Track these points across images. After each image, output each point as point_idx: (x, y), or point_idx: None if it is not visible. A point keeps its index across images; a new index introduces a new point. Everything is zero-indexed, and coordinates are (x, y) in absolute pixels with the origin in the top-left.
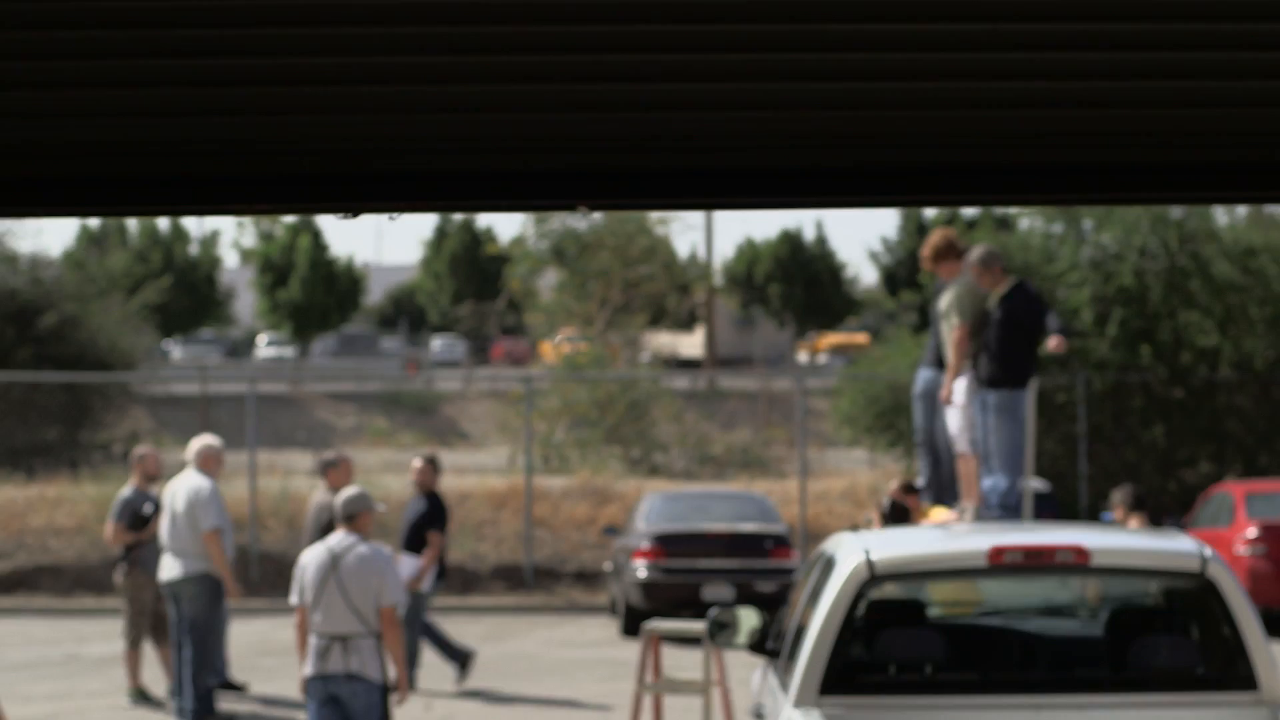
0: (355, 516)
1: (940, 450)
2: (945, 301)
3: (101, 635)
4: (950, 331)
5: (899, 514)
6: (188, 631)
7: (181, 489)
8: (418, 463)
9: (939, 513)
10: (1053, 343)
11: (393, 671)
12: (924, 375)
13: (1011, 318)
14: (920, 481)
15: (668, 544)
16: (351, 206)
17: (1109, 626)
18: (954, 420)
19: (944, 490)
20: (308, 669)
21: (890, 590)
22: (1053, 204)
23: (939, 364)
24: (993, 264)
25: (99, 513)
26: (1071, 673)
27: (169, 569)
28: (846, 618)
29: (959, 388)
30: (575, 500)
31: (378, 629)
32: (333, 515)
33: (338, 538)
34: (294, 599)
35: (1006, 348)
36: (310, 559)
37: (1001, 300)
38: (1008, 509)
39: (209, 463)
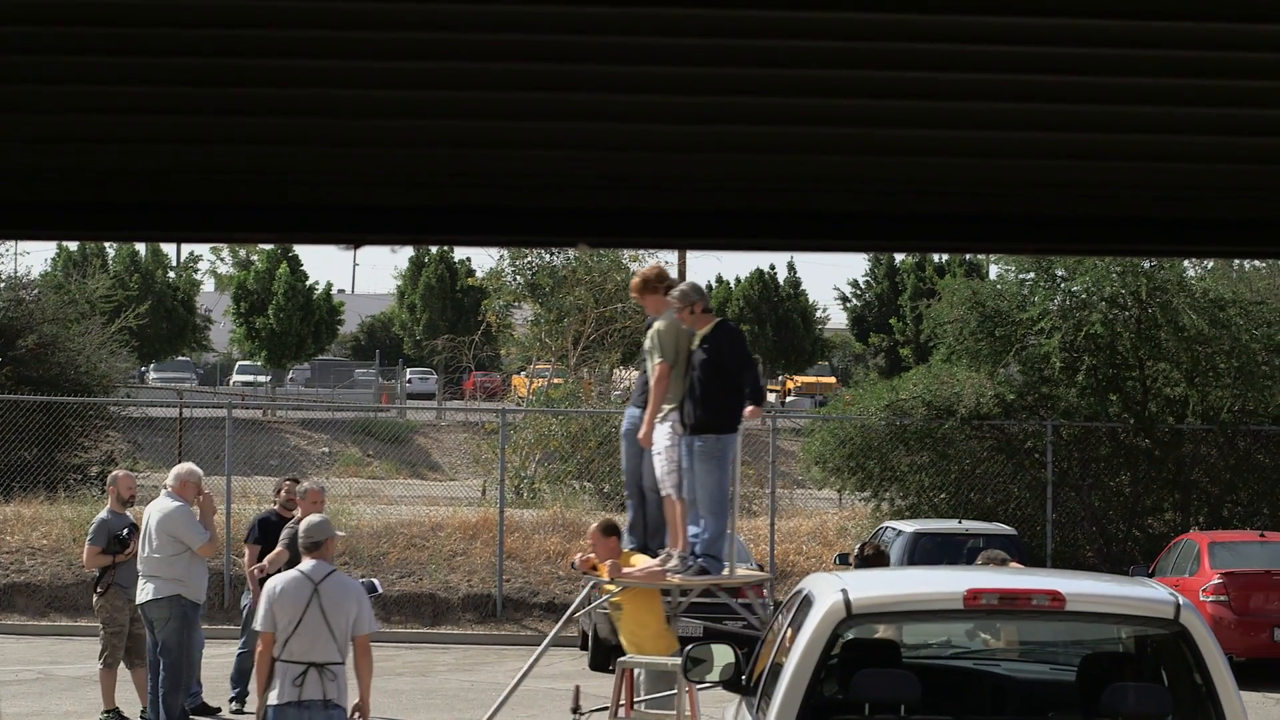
0: (321, 544)
1: (647, 492)
2: (648, 338)
3: (76, 656)
4: (652, 369)
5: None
6: (161, 654)
7: (155, 512)
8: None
9: (640, 559)
10: (748, 411)
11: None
12: (631, 414)
13: (714, 360)
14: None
15: None
16: (353, 238)
17: (1082, 671)
18: (660, 463)
19: (651, 534)
20: (279, 696)
21: (866, 630)
22: (1023, 253)
23: (645, 403)
24: (693, 301)
25: (75, 533)
26: (1044, 716)
27: (143, 592)
28: (822, 656)
29: (664, 430)
30: (546, 533)
31: (347, 658)
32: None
33: (311, 565)
34: (261, 625)
35: (710, 391)
36: (284, 585)
37: (703, 341)
38: (712, 557)
39: (183, 488)
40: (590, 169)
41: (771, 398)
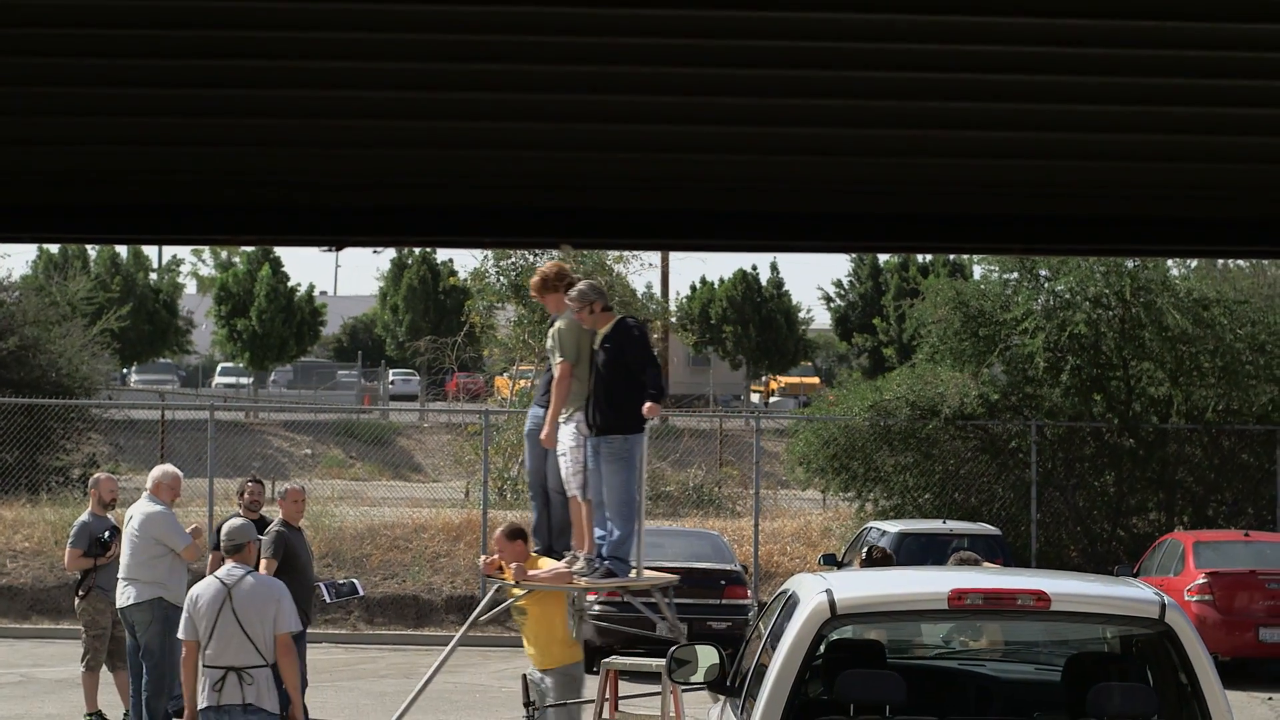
0: (242, 547)
1: (551, 493)
2: (549, 337)
3: (58, 659)
4: (554, 369)
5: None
6: (144, 657)
7: (136, 515)
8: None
9: (546, 562)
10: (646, 409)
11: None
12: (534, 413)
13: (615, 360)
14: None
15: None
16: (335, 240)
17: (1067, 671)
18: (565, 464)
19: (556, 536)
20: (201, 701)
21: (851, 630)
22: (1006, 253)
23: (549, 403)
24: (591, 300)
25: (57, 536)
26: (1029, 717)
27: (123, 595)
28: (807, 657)
29: (568, 431)
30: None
31: (272, 659)
32: (286, 541)
33: (226, 569)
34: (182, 633)
35: (614, 392)
36: (201, 592)
37: (604, 341)
38: (619, 560)
39: (160, 490)
40: (574, 170)
41: (755, 398)
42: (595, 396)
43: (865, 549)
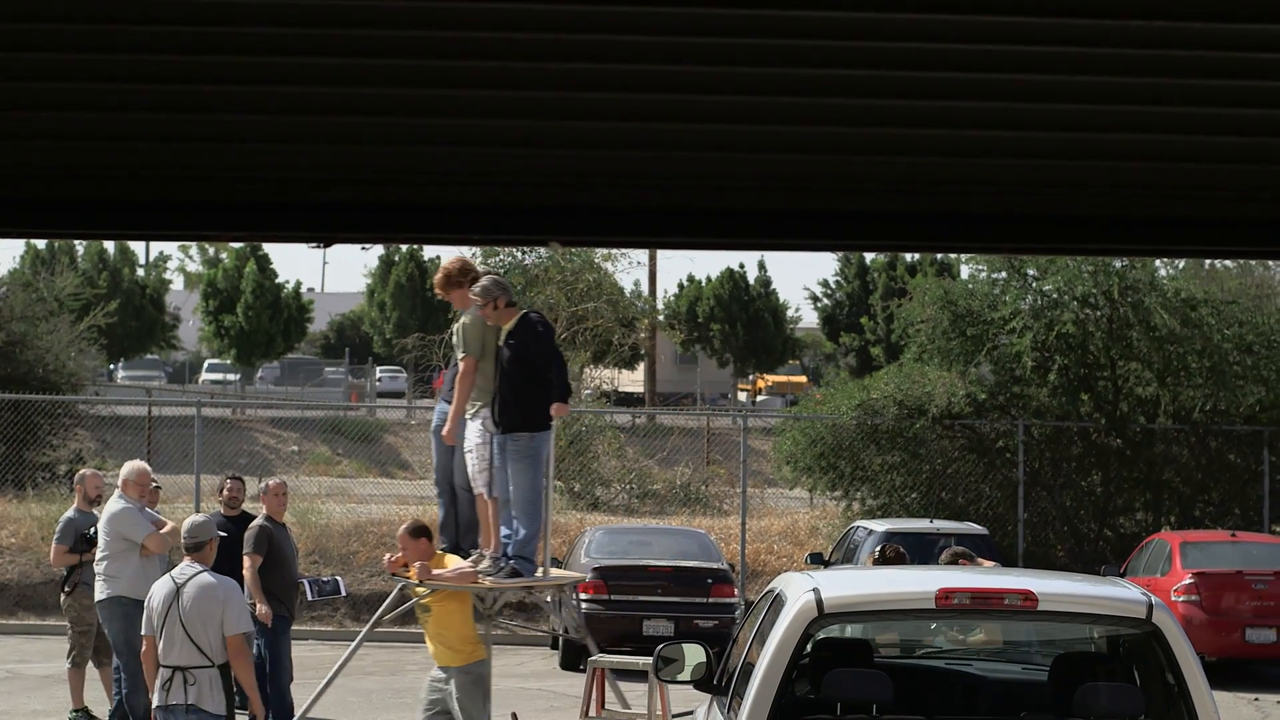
0: (203, 545)
1: (459, 490)
2: (453, 332)
3: (44, 655)
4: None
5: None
6: (116, 654)
7: (104, 513)
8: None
9: (451, 560)
10: (554, 409)
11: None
12: (441, 409)
13: (520, 356)
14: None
15: (609, 578)
16: (324, 236)
17: (1054, 670)
18: (471, 461)
19: (463, 534)
20: (154, 700)
21: (838, 629)
22: (995, 252)
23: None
24: (495, 296)
25: (44, 532)
26: (1016, 716)
27: (96, 592)
28: (794, 656)
29: (474, 427)
30: None
31: (221, 660)
32: (270, 536)
33: (180, 567)
34: (144, 629)
35: (519, 388)
36: (157, 589)
37: (508, 337)
38: (524, 559)
39: (128, 486)
40: (562, 168)
41: (742, 397)
42: (500, 393)
43: (879, 547)
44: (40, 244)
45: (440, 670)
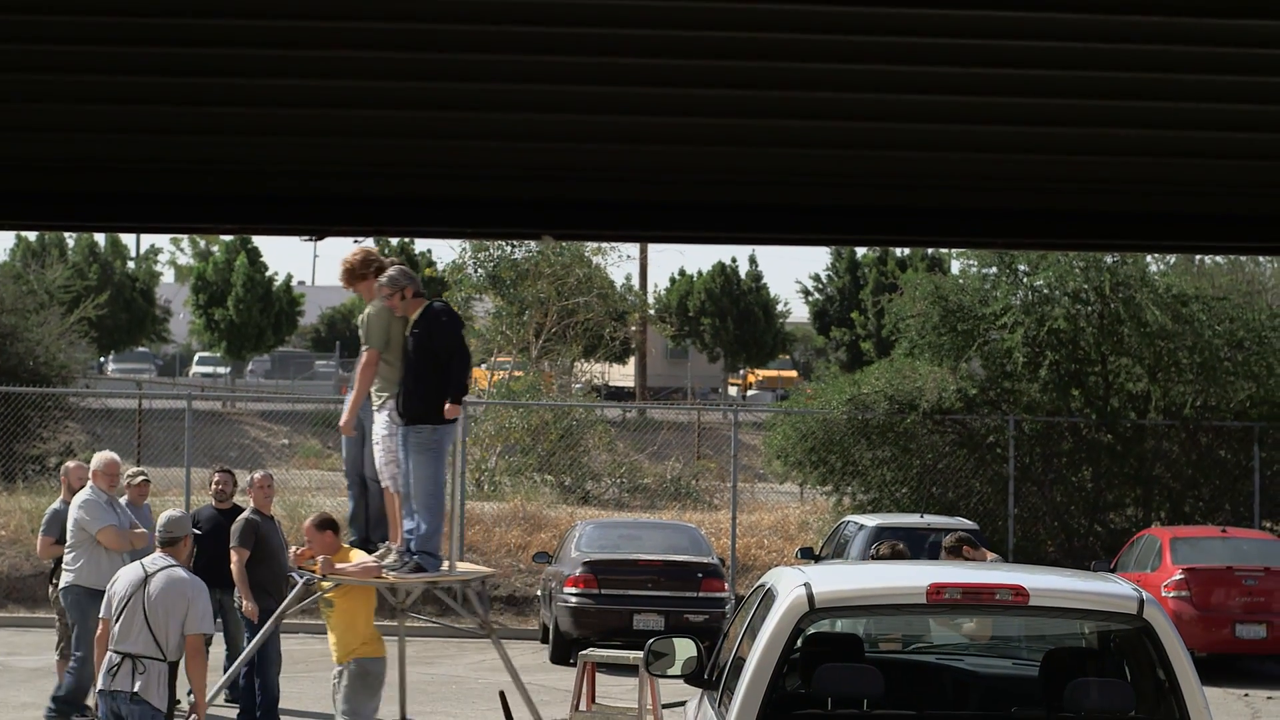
0: (177, 541)
1: (368, 483)
2: (359, 324)
3: (34, 647)
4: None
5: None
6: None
7: (73, 503)
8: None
9: (356, 554)
10: (445, 409)
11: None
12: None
13: (423, 346)
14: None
15: (600, 572)
16: (317, 229)
17: (1045, 666)
18: (379, 453)
19: (373, 526)
20: (99, 683)
21: (829, 624)
22: (986, 247)
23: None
24: (402, 286)
25: (34, 525)
26: (1007, 711)
27: (60, 579)
28: (785, 650)
29: (382, 419)
30: (507, 525)
31: (174, 657)
32: (257, 529)
33: (152, 558)
34: (102, 611)
35: (421, 380)
36: (123, 573)
37: (413, 327)
38: (428, 554)
39: (97, 477)
40: (555, 161)
41: (733, 391)
42: (404, 384)
43: (874, 546)
44: (31, 236)
45: (337, 665)
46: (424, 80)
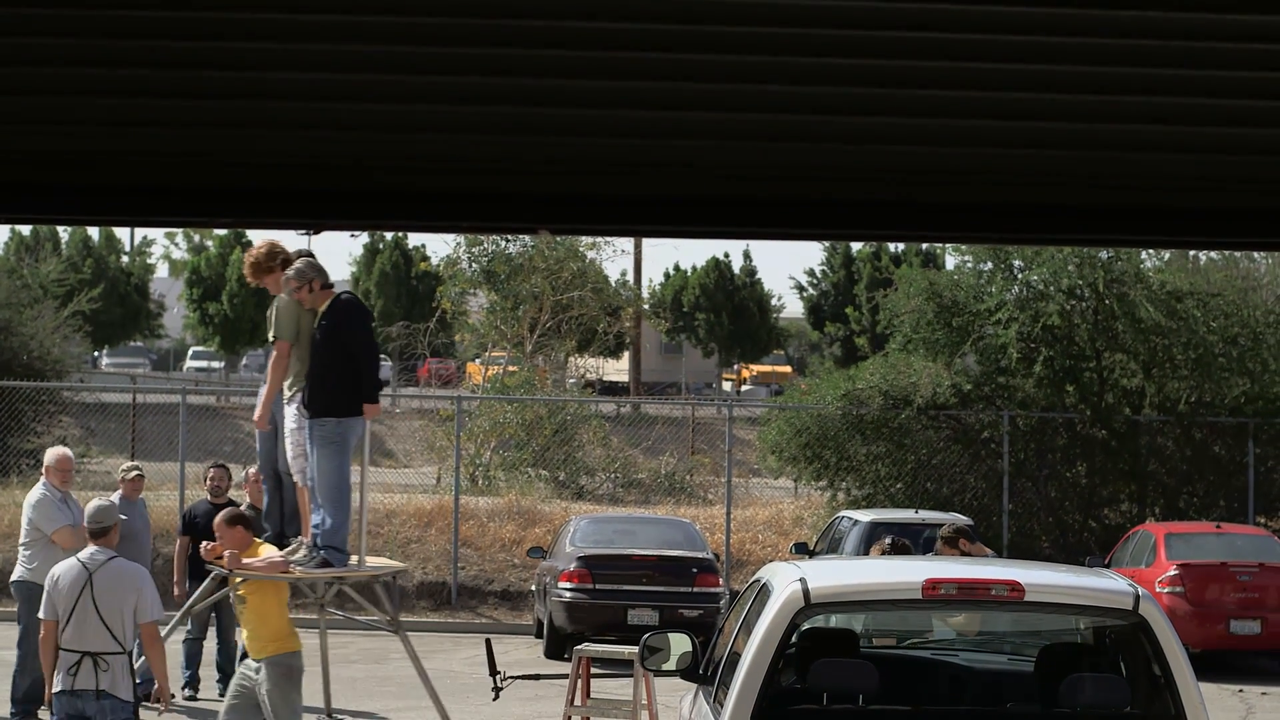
0: (108, 530)
1: (283, 476)
2: (268, 317)
3: None
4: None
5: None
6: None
7: (27, 500)
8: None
9: (266, 549)
10: (366, 409)
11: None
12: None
13: (329, 338)
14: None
15: (594, 567)
16: (313, 223)
17: (1040, 661)
18: (289, 446)
19: (287, 521)
20: (58, 684)
21: (824, 620)
22: (981, 242)
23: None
24: (309, 279)
25: None
26: (1003, 707)
27: (14, 572)
28: (780, 646)
29: (291, 412)
30: (502, 521)
31: (131, 646)
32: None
33: (89, 552)
34: (43, 612)
35: (326, 372)
36: (62, 572)
37: (320, 319)
38: (334, 549)
39: (50, 473)
40: (551, 155)
41: (727, 386)
42: (310, 377)
43: (889, 540)
44: (24, 230)
45: (253, 660)
46: (420, 74)
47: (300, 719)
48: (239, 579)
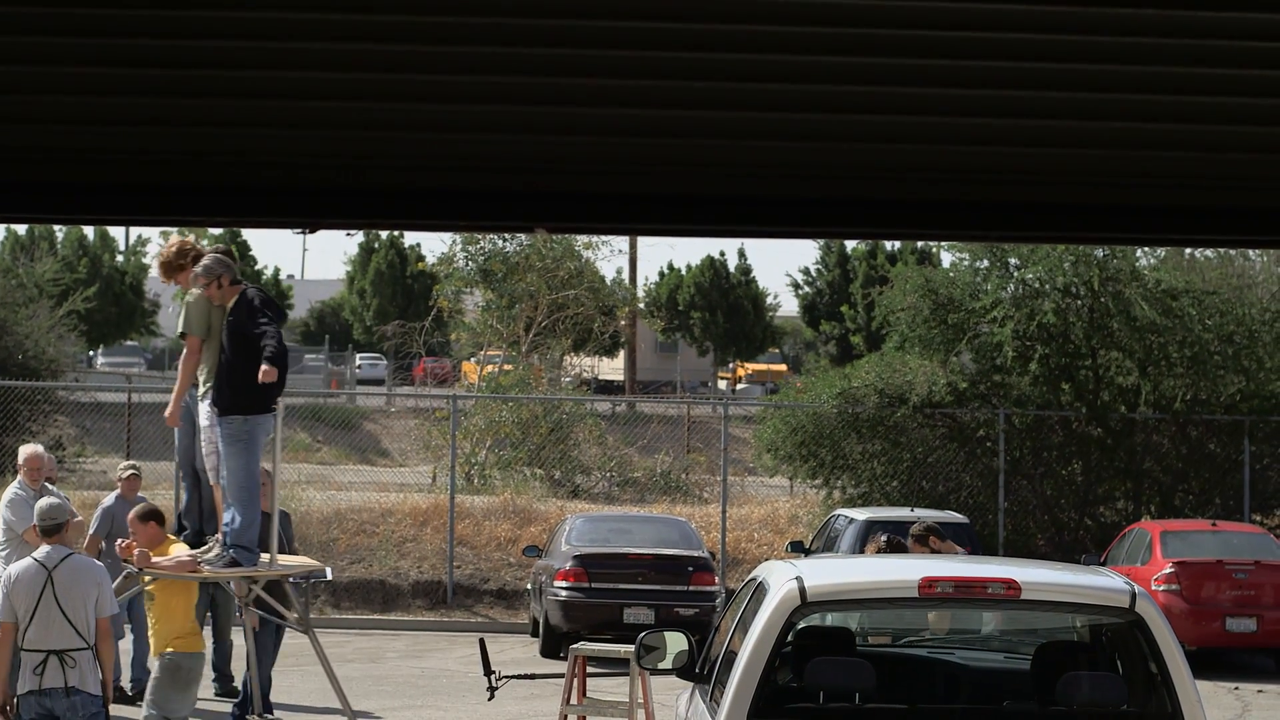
0: (61, 527)
1: (200, 474)
2: (179, 314)
3: None
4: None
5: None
6: None
7: (2, 499)
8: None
9: (178, 547)
10: (261, 373)
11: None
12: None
13: (235, 335)
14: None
15: (590, 566)
16: (309, 222)
17: (1037, 660)
18: (204, 444)
19: (206, 519)
20: (22, 685)
21: (821, 618)
22: (977, 240)
23: (197, 382)
24: (217, 275)
25: None
26: (999, 705)
27: None
28: (777, 644)
29: (205, 409)
30: (497, 519)
31: (94, 641)
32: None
33: (45, 551)
34: (2, 615)
35: (234, 369)
36: (19, 572)
37: (227, 316)
38: (243, 548)
39: (21, 470)
40: (547, 154)
41: (722, 385)
42: (219, 374)
43: (885, 537)
44: (20, 229)
45: (153, 655)
46: (416, 73)
47: (173, 717)
48: (148, 577)
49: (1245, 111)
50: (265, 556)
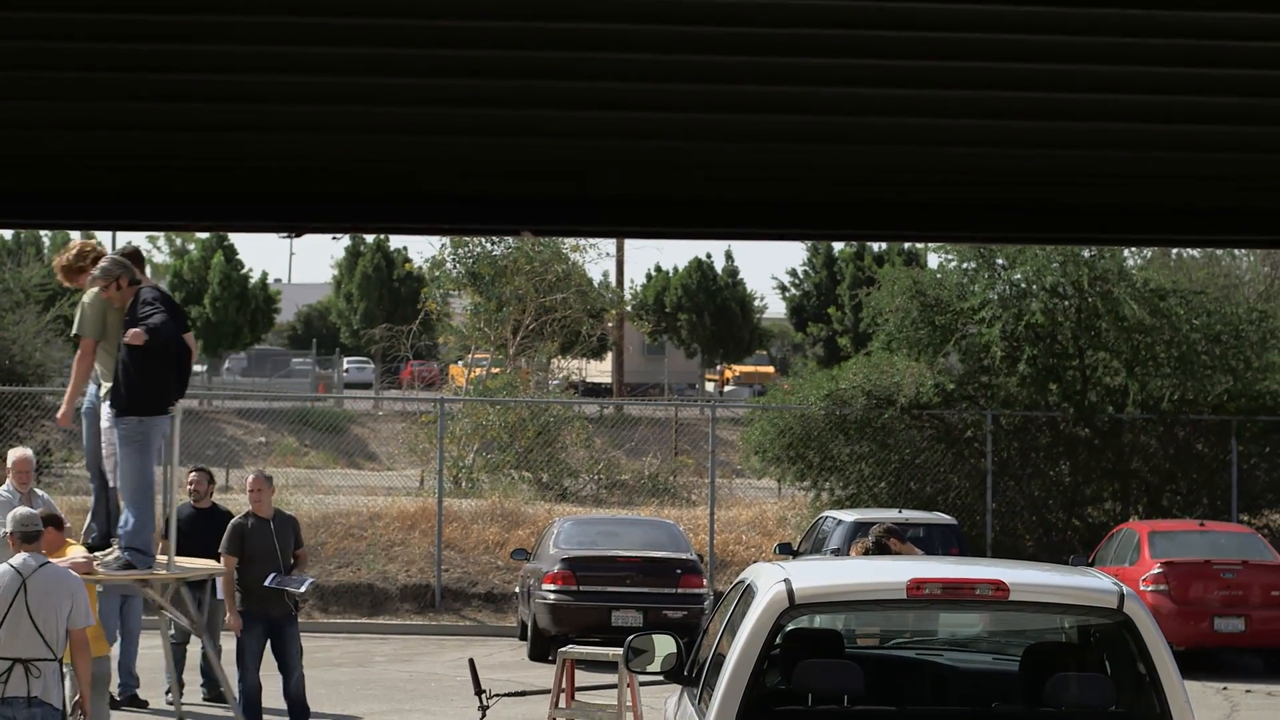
0: (36, 535)
1: (108, 476)
2: (75, 315)
3: None
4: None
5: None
6: None
7: None
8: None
9: (74, 550)
10: (127, 335)
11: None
12: (92, 390)
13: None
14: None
15: (578, 569)
16: (295, 226)
17: (1025, 661)
18: (104, 446)
19: (113, 521)
20: None
21: (809, 620)
22: (965, 241)
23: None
24: (116, 276)
25: None
26: (988, 706)
27: None
28: (765, 647)
29: (106, 410)
30: (485, 523)
31: (62, 653)
32: (242, 533)
33: (21, 559)
34: None
35: (127, 370)
36: None
37: (124, 316)
38: (136, 550)
39: (9, 474)
40: (533, 157)
41: (710, 387)
42: (115, 375)
43: (872, 539)
44: (6, 234)
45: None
46: (402, 76)
47: None
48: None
49: (1231, 111)
50: (163, 558)
